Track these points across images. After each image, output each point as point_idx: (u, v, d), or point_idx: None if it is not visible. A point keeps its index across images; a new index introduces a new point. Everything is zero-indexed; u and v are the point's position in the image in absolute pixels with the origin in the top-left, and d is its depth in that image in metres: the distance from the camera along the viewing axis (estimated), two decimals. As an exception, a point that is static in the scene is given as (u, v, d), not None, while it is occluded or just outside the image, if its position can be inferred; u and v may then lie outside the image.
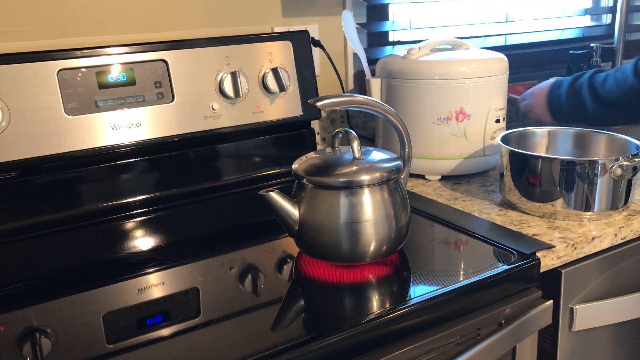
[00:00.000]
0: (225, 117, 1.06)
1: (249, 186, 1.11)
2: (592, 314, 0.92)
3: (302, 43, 1.14)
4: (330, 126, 1.35)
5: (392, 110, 0.85)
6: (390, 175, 0.79)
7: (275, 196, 0.78)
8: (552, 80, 1.31)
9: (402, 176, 0.83)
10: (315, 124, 1.29)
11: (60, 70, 0.92)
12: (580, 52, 1.58)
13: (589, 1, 1.81)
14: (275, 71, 1.09)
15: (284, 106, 1.12)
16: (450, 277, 0.79)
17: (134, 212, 1.00)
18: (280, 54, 1.11)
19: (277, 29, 1.23)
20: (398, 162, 0.81)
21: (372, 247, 0.78)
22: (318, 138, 1.32)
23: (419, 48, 1.14)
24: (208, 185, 1.07)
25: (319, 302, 0.76)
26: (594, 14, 1.79)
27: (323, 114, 1.27)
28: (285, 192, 0.81)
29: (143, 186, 1.01)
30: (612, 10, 1.78)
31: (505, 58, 1.15)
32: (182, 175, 1.05)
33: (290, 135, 1.15)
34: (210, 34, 1.16)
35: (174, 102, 1.01)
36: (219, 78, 1.05)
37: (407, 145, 0.87)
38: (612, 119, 1.24)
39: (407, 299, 0.74)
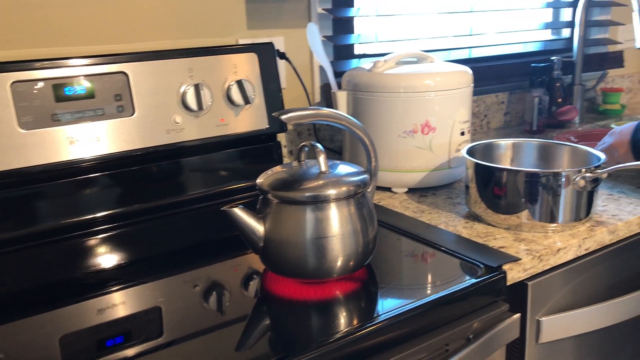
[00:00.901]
0: (189, 130, 1.04)
1: (214, 201, 1.08)
2: (558, 326, 0.93)
3: (267, 55, 1.13)
4: (297, 139, 1.34)
5: (358, 123, 0.84)
6: (357, 189, 0.78)
7: (239, 212, 0.76)
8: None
9: (368, 190, 0.82)
10: (281, 137, 1.28)
11: (14, 82, 0.89)
12: (542, 65, 1.62)
13: (549, 16, 1.85)
14: (240, 83, 1.07)
15: (249, 119, 1.10)
16: (417, 291, 0.78)
17: (94, 229, 0.97)
18: (245, 66, 1.10)
19: (242, 41, 1.21)
20: (364, 176, 0.81)
21: (339, 263, 0.77)
22: (285, 151, 1.31)
23: (385, 61, 1.14)
24: (171, 200, 1.05)
25: (285, 320, 0.74)
26: (554, 28, 1.83)
27: (289, 127, 1.26)
28: (252, 207, 0.79)
29: (103, 202, 0.98)
30: (571, 24, 1.82)
31: (470, 71, 1.16)
32: (145, 191, 1.02)
33: (256, 149, 1.14)
34: (174, 45, 1.14)
35: (135, 115, 0.99)
36: (181, 90, 1.03)
37: (373, 159, 0.87)
38: None
39: (375, 315, 0.73)
